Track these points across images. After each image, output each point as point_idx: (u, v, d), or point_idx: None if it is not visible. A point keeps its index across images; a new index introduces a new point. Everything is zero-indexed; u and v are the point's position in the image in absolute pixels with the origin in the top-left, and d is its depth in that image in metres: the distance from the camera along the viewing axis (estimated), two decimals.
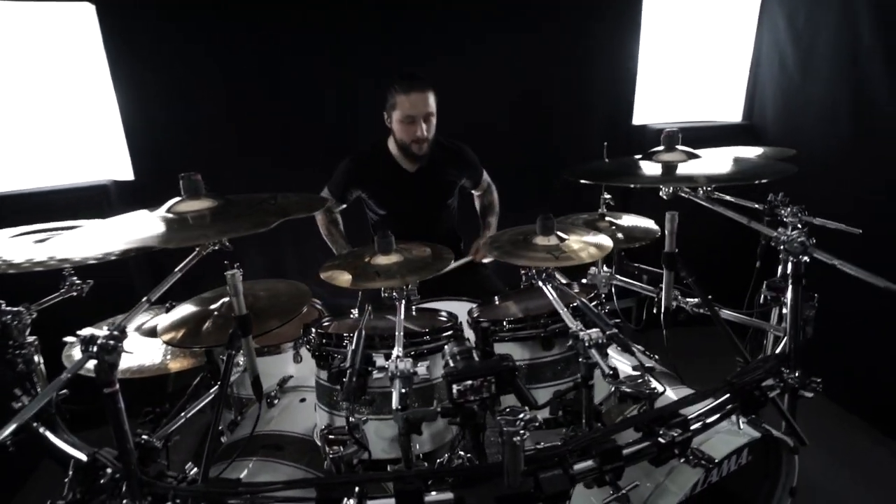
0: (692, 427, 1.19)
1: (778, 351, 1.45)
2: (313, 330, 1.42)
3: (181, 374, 1.64)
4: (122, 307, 1.92)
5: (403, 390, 1.06)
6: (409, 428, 1.05)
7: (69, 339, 1.45)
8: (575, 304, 1.33)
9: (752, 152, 2.04)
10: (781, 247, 1.31)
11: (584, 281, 1.99)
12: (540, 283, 1.38)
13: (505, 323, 1.45)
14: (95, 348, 0.92)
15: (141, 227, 1.20)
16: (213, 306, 1.52)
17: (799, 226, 1.47)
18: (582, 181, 1.46)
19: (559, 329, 1.40)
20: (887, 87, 2.33)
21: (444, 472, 1.02)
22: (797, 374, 1.31)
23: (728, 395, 1.28)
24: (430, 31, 2.98)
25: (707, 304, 1.48)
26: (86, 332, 0.94)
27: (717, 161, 1.53)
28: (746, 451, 1.45)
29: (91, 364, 0.94)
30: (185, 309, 1.56)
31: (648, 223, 2.01)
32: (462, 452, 1.31)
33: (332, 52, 2.93)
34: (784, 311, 1.72)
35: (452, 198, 2.56)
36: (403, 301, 1.33)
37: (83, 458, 1.09)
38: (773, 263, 1.84)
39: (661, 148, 1.54)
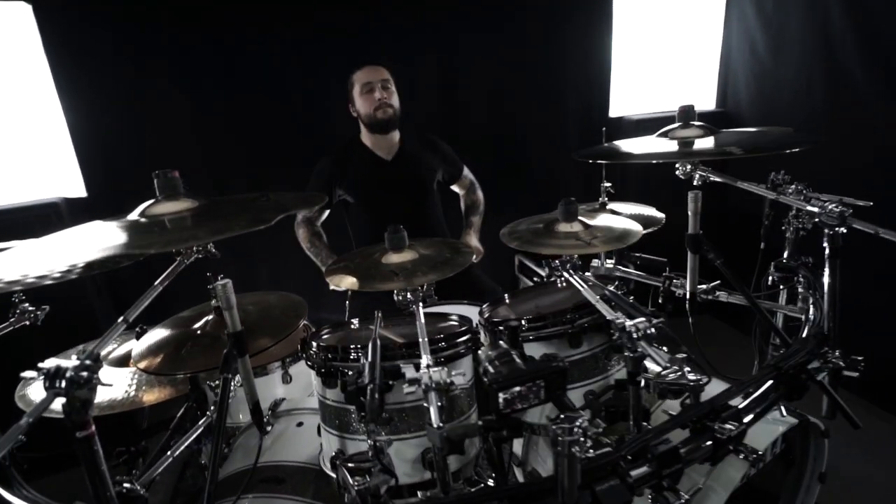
0: (745, 419, 1.09)
1: (811, 332, 1.37)
2: (314, 344, 1.24)
3: (156, 407, 1.44)
4: (83, 335, 1.70)
5: (440, 403, 0.90)
6: (452, 447, 0.89)
7: (27, 374, 1.22)
8: (603, 294, 1.20)
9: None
10: (817, 219, 1.23)
11: (587, 274, 1.88)
12: (567, 274, 1.25)
13: (524, 322, 1.32)
14: (64, 383, 0.73)
15: (106, 237, 1.01)
16: (195, 325, 1.33)
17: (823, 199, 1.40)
18: (599, 161, 1.35)
19: (588, 323, 1.27)
20: (859, 63, 2.35)
21: (495, 495, 0.87)
22: (838, 354, 1.24)
23: (772, 382, 1.19)
24: (402, 30, 2.84)
25: (742, 289, 1.38)
26: (50, 363, 0.74)
27: (736, 136, 1.45)
28: (780, 439, 1.36)
29: (58, 403, 0.74)
30: (161, 332, 1.36)
31: (650, 210, 1.92)
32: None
33: (298, 53, 2.74)
34: (799, 290, 1.68)
35: (433, 192, 2.49)
36: (421, 304, 1.17)
37: None
38: (776, 245, 1.79)
39: (675, 125, 1.45)
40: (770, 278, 1.85)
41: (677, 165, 1.43)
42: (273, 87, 2.76)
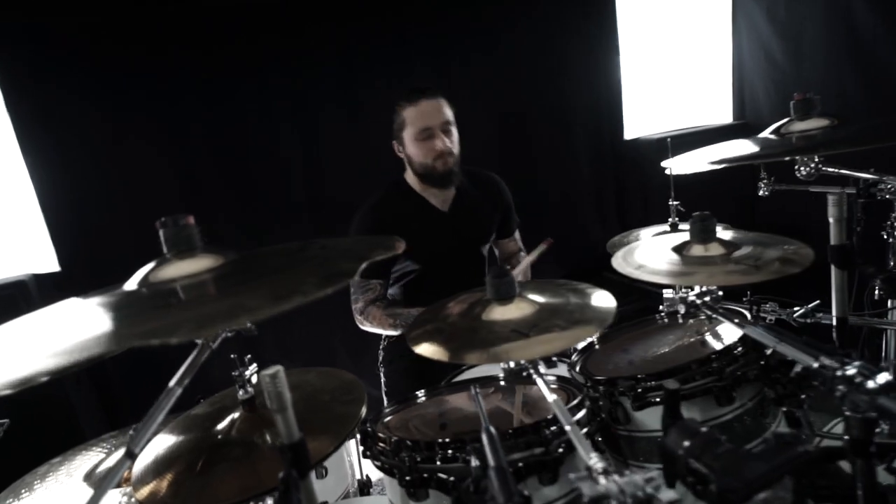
0: None
1: None
2: (386, 437, 0.89)
3: None
4: (58, 443, 1.30)
5: None
6: None
7: None
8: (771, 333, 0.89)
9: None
10: None
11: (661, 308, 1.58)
12: (707, 311, 0.94)
13: (646, 380, 0.99)
14: None
15: (91, 321, 0.66)
16: (216, 428, 0.95)
17: None
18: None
19: (742, 371, 0.96)
20: (892, 51, 2.19)
21: None
22: None
23: None
24: (409, 56, 2.60)
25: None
26: None
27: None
28: None
29: None
30: (167, 440, 0.98)
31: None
32: None
33: (287, 97, 2.45)
34: None
35: (489, 243, 2.04)
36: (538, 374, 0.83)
37: None
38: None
39: (787, 119, 1.19)
40: (877, 292, 1.58)
41: (798, 165, 1.16)
42: (263, 138, 2.45)
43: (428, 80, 2.57)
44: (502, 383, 1.14)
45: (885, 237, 1.57)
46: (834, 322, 1.21)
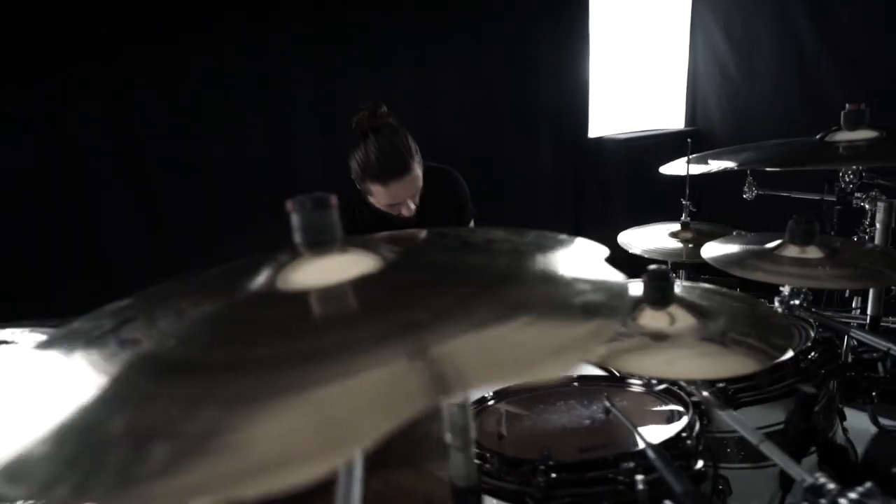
0: None
1: None
2: (510, 459, 0.75)
3: None
4: None
5: None
6: None
7: None
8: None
9: None
10: None
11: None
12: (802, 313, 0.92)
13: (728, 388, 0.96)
14: None
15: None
16: None
17: None
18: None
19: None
20: (833, 78, 2.41)
21: None
22: None
23: None
24: (377, 51, 2.41)
25: None
26: None
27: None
28: None
29: None
30: None
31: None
32: None
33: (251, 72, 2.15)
34: None
35: None
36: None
37: None
38: None
39: (834, 128, 1.21)
40: None
41: (842, 173, 1.19)
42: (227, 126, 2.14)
43: (394, 73, 2.43)
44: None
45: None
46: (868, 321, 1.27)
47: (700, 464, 0.77)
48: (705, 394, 0.80)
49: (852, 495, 0.56)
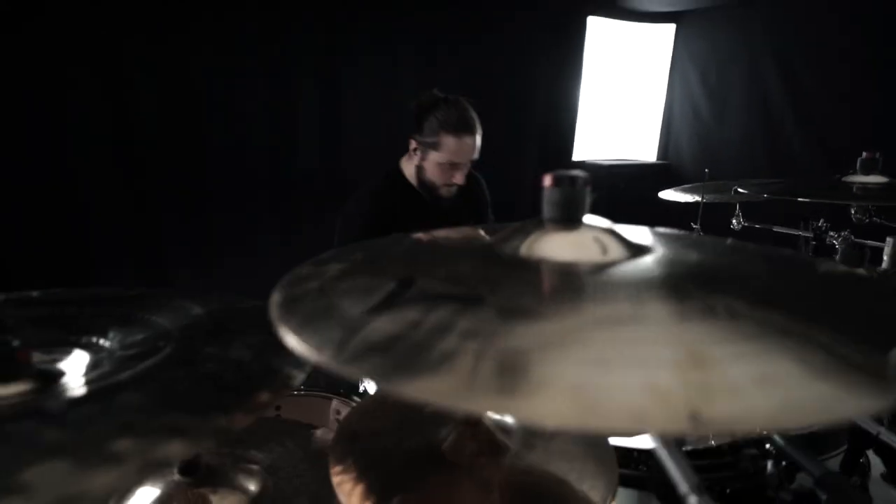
0: None
1: None
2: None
3: None
4: None
5: None
6: None
7: None
8: None
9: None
10: None
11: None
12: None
13: None
14: None
15: None
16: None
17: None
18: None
19: None
20: (796, 131, 2.72)
21: None
22: None
23: None
24: (391, 48, 2.40)
25: None
26: None
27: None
28: None
29: None
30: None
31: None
32: None
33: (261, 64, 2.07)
34: None
35: None
36: None
37: None
38: None
39: (850, 171, 1.37)
40: None
41: (855, 211, 1.34)
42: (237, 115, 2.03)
43: (407, 67, 2.44)
44: None
45: None
46: None
47: None
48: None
49: None
